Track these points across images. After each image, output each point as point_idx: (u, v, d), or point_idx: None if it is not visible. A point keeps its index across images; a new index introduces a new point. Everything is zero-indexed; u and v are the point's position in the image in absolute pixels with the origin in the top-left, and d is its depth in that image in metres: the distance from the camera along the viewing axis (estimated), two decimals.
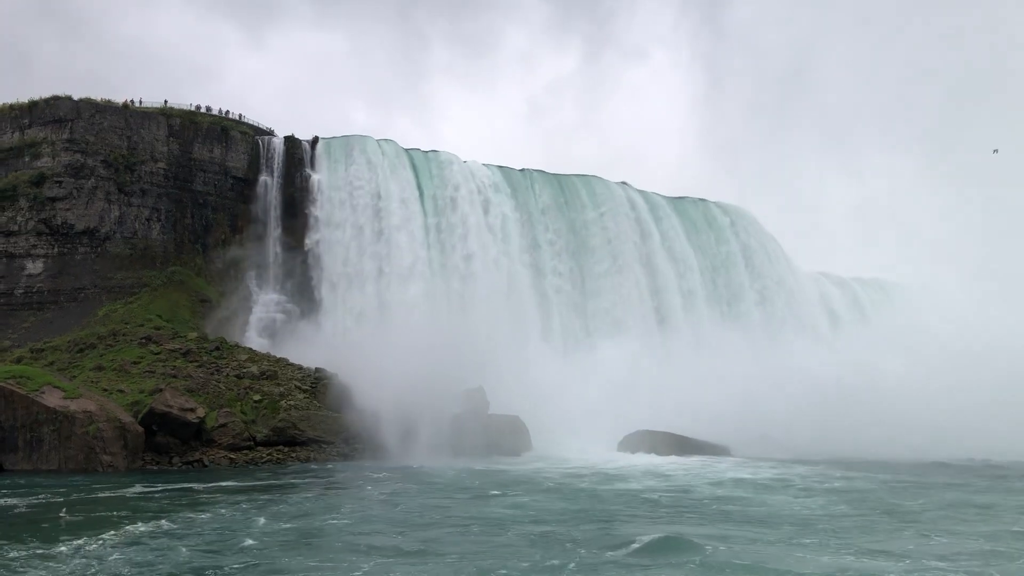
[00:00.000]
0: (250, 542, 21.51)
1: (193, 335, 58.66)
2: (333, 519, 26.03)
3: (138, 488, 34.44)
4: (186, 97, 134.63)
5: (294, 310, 68.94)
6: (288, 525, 24.51)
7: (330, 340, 65.69)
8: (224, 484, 35.69)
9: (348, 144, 75.70)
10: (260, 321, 68.57)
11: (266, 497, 31.18)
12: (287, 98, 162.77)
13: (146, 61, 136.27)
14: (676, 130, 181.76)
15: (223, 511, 27.15)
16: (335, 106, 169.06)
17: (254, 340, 67.22)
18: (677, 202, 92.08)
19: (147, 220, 67.52)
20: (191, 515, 26.32)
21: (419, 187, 76.24)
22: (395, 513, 27.30)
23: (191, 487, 34.45)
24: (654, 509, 28.09)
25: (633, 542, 20.67)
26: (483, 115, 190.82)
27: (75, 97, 67.20)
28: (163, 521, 24.84)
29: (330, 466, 45.20)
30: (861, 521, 25.34)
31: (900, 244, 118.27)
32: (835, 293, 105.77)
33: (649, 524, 24.26)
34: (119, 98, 70.48)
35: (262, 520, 25.19)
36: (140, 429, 43.87)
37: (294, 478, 38.89)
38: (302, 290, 70.12)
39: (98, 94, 69.77)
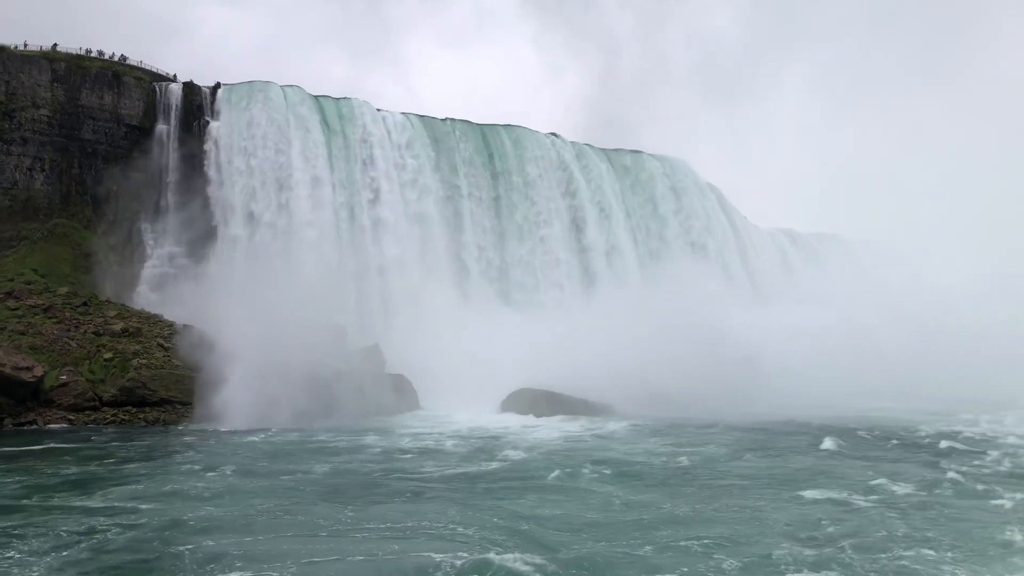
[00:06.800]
0: None
1: (63, 290, 55.73)
2: None
3: None
4: (154, 55, 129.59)
5: (189, 265, 65.71)
6: None
7: (222, 296, 62.66)
8: (7, 450, 33.04)
9: (251, 90, 71.73)
10: (152, 276, 65.49)
11: None
12: (263, 54, 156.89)
13: (109, 15, 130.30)
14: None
15: None
16: (312, 61, 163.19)
17: (145, 295, 64.28)
18: (611, 154, 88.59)
19: (29, 170, 64.01)
20: None
21: (327, 136, 72.60)
22: (66, 497, 24.53)
23: None
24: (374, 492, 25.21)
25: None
26: (461, 68, 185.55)
27: None
28: None
29: (172, 429, 42.60)
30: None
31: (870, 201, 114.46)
32: (788, 248, 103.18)
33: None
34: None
35: None
36: None
37: (87, 445, 36.04)
38: (198, 244, 66.74)
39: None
